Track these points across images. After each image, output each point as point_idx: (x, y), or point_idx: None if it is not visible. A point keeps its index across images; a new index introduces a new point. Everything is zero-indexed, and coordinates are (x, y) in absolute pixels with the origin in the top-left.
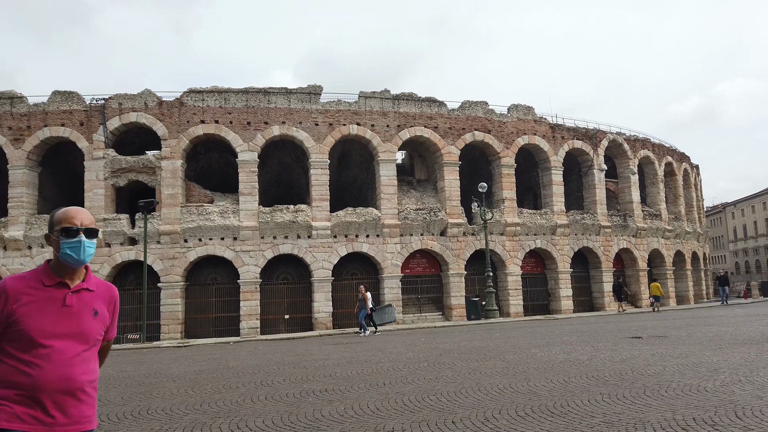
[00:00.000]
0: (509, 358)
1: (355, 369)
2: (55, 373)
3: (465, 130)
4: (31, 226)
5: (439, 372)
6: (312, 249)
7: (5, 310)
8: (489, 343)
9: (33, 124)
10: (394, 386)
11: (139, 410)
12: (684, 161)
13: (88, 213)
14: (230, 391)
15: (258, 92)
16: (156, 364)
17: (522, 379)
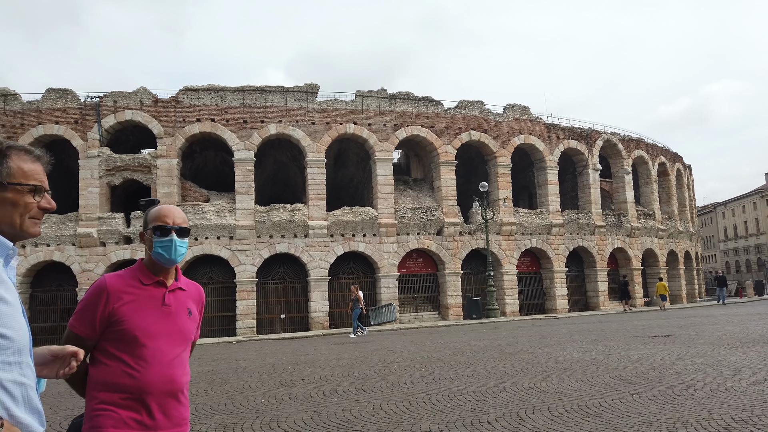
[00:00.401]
0: (525, 358)
1: (372, 368)
2: (159, 374)
3: (461, 130)
4: None
5: (458, 372)
6: (309, 248)
7: (107, 309)
8: (498, 342)
9: (27, 121)
10: (417, 386)
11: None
12: (677, 161)
13: (180, 211)
14: (251, 391)
15: (254, 91)
16: None
17: (545, 378)
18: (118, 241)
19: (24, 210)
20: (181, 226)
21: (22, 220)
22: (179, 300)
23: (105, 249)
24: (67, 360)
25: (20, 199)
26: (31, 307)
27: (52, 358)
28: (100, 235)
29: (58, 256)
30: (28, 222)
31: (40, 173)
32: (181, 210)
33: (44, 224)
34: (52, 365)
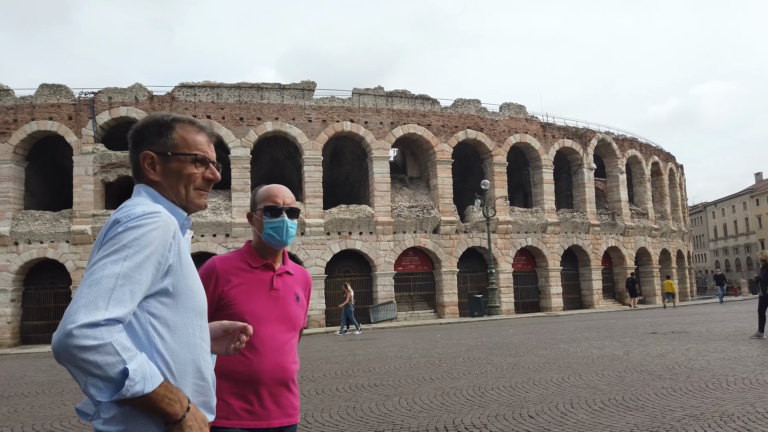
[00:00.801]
0: (543, 354)
1: (391, 364)
2: (270, 361)
3: (458, 128)
4: (17, 221)
5: (480, 367)
6: (305, 246)
7: (216, 292)
8: (509, 339)
9: (20, 117)
10: (444, 381)
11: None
12: (670, 161)
13: (289, 191)
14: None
15: (251, 88)
16: None
17: (572, 373)
18: None
19: (188, 180)
20: (291, 207)
21: (188, 191)
22: (287, 284)
23: None
24: (237, 335)
25: (185, 170)
26: (23, 305)
27: (223, 333)
28: (94, 232)
29: (51, 254)
30: (193, 193)
31: (204, 144)
32: (289, 190)
33: (38, 221)
34: (222, 341)
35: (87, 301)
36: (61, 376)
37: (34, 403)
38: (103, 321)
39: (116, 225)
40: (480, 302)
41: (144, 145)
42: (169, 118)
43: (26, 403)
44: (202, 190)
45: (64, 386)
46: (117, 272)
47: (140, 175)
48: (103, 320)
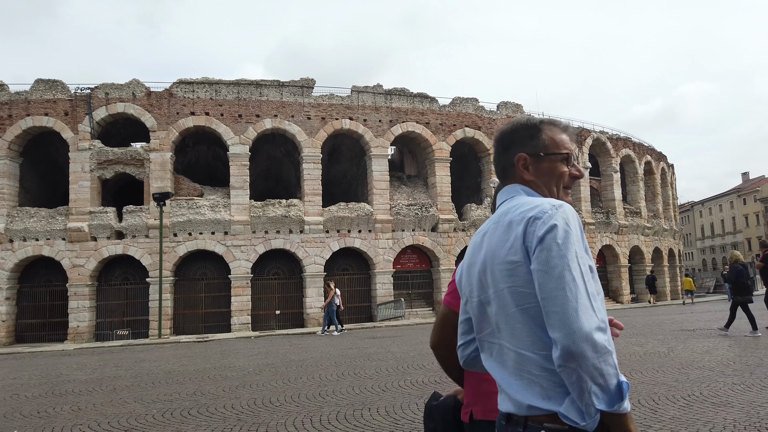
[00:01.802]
0: None
1: (434, 360)
2: None
3: (456, 127)
4: (12, 218)
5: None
6: (304, 244)
7: None
8: None
9: (15, 113)
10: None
11: (284, 397)
12: (662, 160)
13: None
14: (338, 382)
15: (249, 84)
16: (215, 358)
17: (629, 370)
18: (110, 236)
19: (559, 179)
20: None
21: (558, 189)
22: None
23: (96, 244)
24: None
25: (556, 169)
26: (18, 303)
27: None
28: (91, 230)
29: (47, 251)
30: (562, 191)
31: (569, 142)
32: None
33: (33, 218)
34: None
35: (580, 305)
36: (101, 374)
37: (92, 401)
38: (604, 326)
39: (540, 222)
40: None
41: (516, 148)
42: (537, 120)
43: (85, 401)
44: (568, 188)
45: (112, 384)
46: (581, 273)
47: (512, 176)
48: (604, 326)
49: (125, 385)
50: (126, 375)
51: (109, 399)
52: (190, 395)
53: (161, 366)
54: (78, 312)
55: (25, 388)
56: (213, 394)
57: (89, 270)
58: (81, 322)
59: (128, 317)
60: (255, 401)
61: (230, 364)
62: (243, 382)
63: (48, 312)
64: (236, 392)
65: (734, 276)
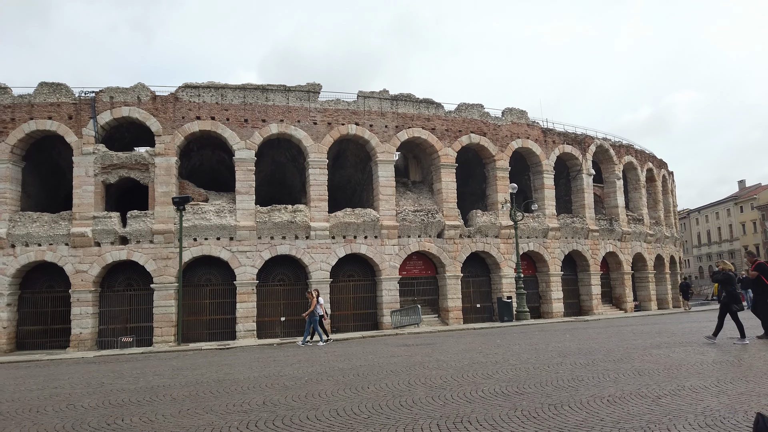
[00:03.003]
0: (650, 359)
1: (497, 370)
2: None
3: (461, 133)
4: (14, 223)
5: (600, 375)
6: (310, 250)
7: None
8: (581, 344)
9: (18, 116)
10: (588, 389)
11: (365, 407)
12: (662, 167)
13: None
14: (412, 391)
15: (255, 89)
16: (256, 366)
17: (713, 381)
18: (114, 241)
19: None
20: None
21: None
22: None
23: (100, 249)
24: None
25: None
26: (19, 309)
27: None
28: (95, 235)
29: (50, 257)
30: None
31: None
32: None
33: (35, 223)
34: None
35: None
36: (146, 382)
37: (158, 411)
38: None
39: None
40: (510, 307)
41: None
42: None
43: (151, 412)
44: None
45: (167, 393)
46: None
47: None
48: None
49: (182, 394)
50: (174, 384)
51: (176, 410)
52: (260, 405)
53: (204, 374)
54: (81, 318)
55: (76, 397)
56: (285, 405)
57: (92, 276)
58: (84, 329)
59: (132, 324)
60: (338, 412)
61: (277, 372)
62: (308, 392)
63: (50, 318)
64: (308, 402)
65: (732, 285)
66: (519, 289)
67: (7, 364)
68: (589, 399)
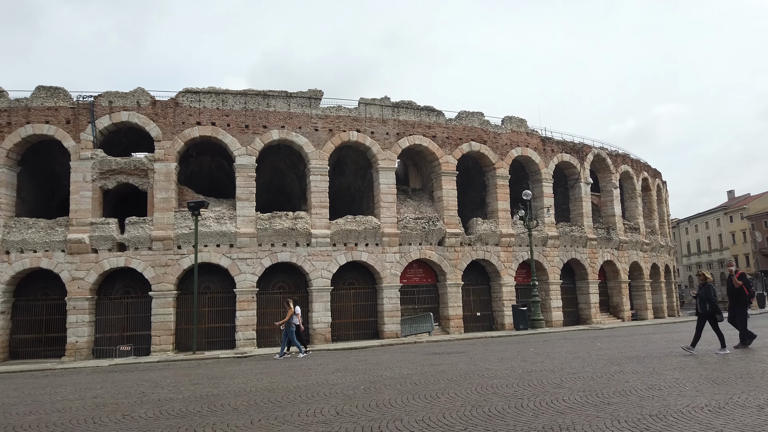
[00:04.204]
0: (724, 365)
1: (559, 378)
2: None
3: (462, 140)
4: (9, 229)
5: (678, 383)
6: (311, 257)
7: None
8: (620, 351)
9: (14, 120)
10: (675, 398)
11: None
12: (657, 177)
13: None
14: (491, 400)
15: (257, 95)
16: (297, 376)
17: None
18: (112, 248)
19: None
20: None
21: None
22: None
23: (97, 256)
24: None
25: None
26: (13, 317)
27: None
28: (92, 241)
29: (46, 263)
30: None
31: None
32: None
33: (31, 229)
34: None
35: None
36: (190, 392)
37: (230, 422)
38: None
39: None
40: (525, 315)
41: None
42: None
43: (222, 422)
44: None
45: (223, 402)
46: None
47: None
48: None
49: (241, 404)
50: (223, 393)
51: (246, 420)
52: (336, 416)
53: (247, 383)
54: (77, 327)
55: (126, 407)
56: (362, 415)
57: (89, 283)
58: (80, 338)
59: (129, 332)
60: (425, 422)
61: (322, 381)
62: (375, 401)
63: (44, 327)
64: (386, 411)
65: (712, 295)
66: (534, 297)
67: (20, 373)
68: (685, 408)
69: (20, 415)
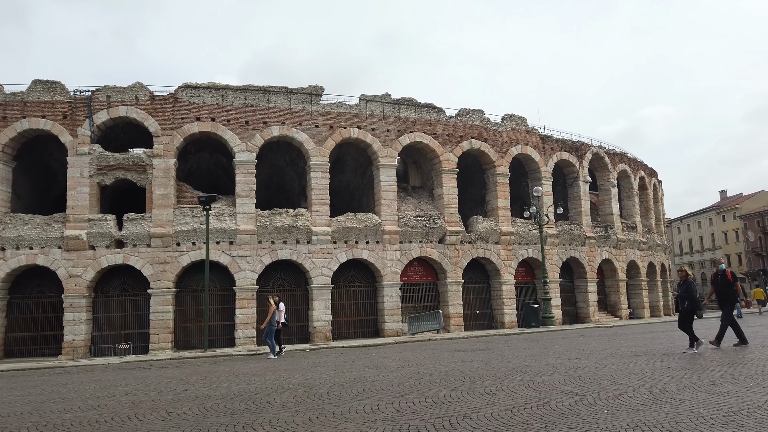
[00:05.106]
0: (756, 363)
1: (608, 374)
2: None
3: (462, 138)
4: (5, 225)
5: (727, 381)
6: (311, 255)
7: None
8: (649, 347)
9: (9, 114)
10: (753, 394)
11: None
12: (653, 176)
13: None
14: (554, 395)
15: (257, 90)
16: (329, 372)
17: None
18: (109, 245)
19: None
20: None
21: None
22: None
23: (95, 253)
24: None
25: None
26: (8, 315)
27: None
28: (89, 238)
29: (42, 260)
30: None
31: None
32: None
33: (27, 225)
34: None
35: None
36: (226, 389)
37: (288, 419)
38: None
39: None
40: (537, 312)
41: None
42: None
43: (277, 419)
44: None
45: (269, 399)
46: None
47: None
48: None
49: (288, 401)
50: (263, 390)
51: (304, 417)
52: (396, 412)
53: (281, 379)
54: (74, 325)
55: (166, 404)
56: (426, 412)
57: (87, 280)
58: (77, 336)
59: (126, 330)
60: (495, 418)
61: (360, 377)
62: (429, 397)
63: (40, 324)
64: (447, 408)
65: (692, 291)
66: (546, 295)
67: (28, 371)
68: (765, 404)
69: (55, 412)
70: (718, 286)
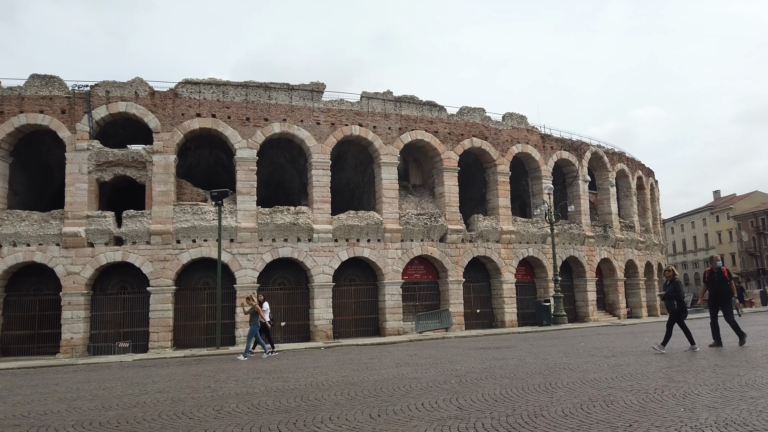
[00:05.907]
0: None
1: (632, 372)
2: None
3: (463, 136)
4: (2, 222)
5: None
6: (312, 253)
7: None
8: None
9: (7, 109)
10: None
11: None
12: (650, 176)
13: None
14: (614, 391)
15: (258, 87)
16: (359, 369)
17: None
18: (108, 242)
19: None
20: None
21: None
22: None
23: (93, 250)
24: None
25: None
26: (5, 313)
27: None
28: (88, 235)
29: (40, 257)
30: None
31: None
32: None
33: (24, 222)
34: None
35: None
36: (264, 386)
37: (349, 417)
38: None
39: None
40: (549, 310)
41: None
42: None
43: (337, 416)
44: None
45: (318, 395)
46: None
47: None
48: None
49: (339, 398)
50: (303, 387)
51: (365, 415)
52: (458, 410)
53: (317, 376)
54: (72, 323)
55: (208, 401)
56: (485, 410)
57: (85, 278)
58: (75, 334)
59: (125, 329)
60: (571, 413)
61: (397, 374)
62: (484, 394)
63: (37, 323)
64: (508, 404)
65: (680, 291)
66: (557, 293)
67: (40, 368)
68: None
69: (94, 410)
70: (714, 284)
